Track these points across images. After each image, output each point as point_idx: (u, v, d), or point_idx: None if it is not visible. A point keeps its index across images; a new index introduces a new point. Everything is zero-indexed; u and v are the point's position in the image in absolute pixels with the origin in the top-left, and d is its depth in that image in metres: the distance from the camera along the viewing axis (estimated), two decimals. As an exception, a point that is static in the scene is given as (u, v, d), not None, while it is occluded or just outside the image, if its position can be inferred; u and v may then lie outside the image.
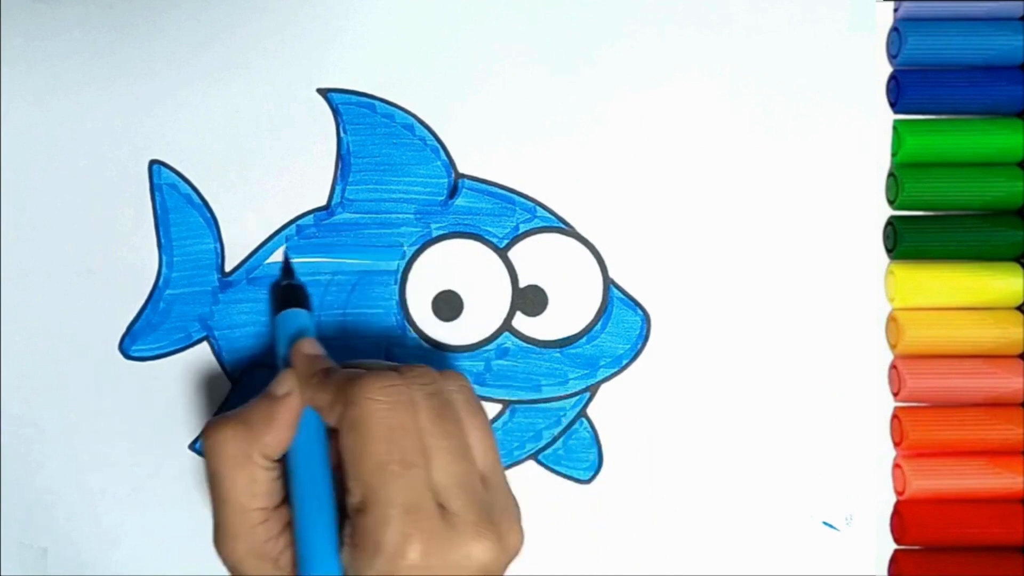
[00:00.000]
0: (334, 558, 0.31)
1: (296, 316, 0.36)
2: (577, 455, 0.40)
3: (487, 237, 0.40)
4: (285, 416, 0.33)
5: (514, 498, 0.33)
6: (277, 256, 0.39)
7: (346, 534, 0.31)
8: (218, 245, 0.39)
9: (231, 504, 0.32)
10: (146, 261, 0.39)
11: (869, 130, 0.40)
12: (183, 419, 0.39)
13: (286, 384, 0.33)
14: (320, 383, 0.33)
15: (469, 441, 0.32)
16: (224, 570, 0.39)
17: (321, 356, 0.34)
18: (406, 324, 0.40)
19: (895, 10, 0.40)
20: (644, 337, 0.40)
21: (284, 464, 0.33)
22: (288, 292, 0.38)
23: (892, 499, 0.40)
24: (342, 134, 0.39)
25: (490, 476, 0.32)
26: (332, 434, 0.33)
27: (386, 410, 0.31)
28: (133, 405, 0.39)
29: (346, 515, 0.31)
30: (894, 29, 0.40)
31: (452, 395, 0.33)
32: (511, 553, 0.32)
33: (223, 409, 0.39)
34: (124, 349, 0.39)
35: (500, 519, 0.31)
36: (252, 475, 0.32)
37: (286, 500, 0.33)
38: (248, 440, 0.32)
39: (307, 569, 0.31)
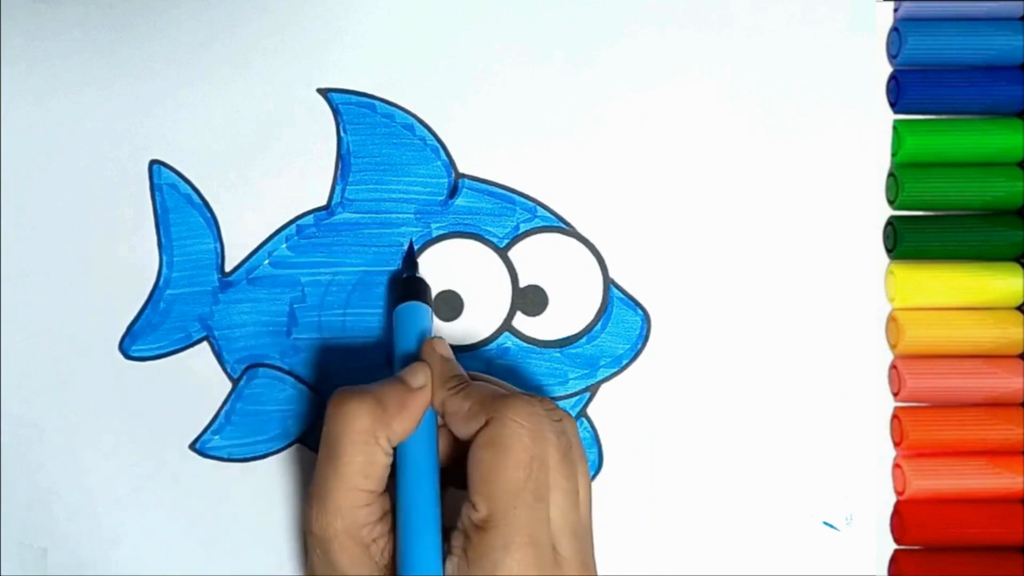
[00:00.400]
0: (439, 564, 0.31)
1: (420, 311, 0.36)
2: (577, 455, 0.40)
3: (487, 237, 0.40)
4: (417, 407, 0.33)
5: (594, 545, 0.34)
6: (273, 253, 0.39)
7: (457, 544, 0.31)
8: (218, 245, 0.39)
9: (344, 479, 0.31)
10: (146, 261, 0.39)
11: (869, 130, 0.40)
12: (183, 419, 0.39)
13: (421, 377, 0.33)
14: (460, 391, 0.33)
15: (578, 486, 0.33)
16: (220, 569, 0.39)
17: (454, 361, 0.35)
18: (406, 324, 0.39)
19: (895, 10, 0.40)
20: (644, 337, 0.40)
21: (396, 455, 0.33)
22: (411, 285, 0.38)
23: (892, 499, 0.40)
24: (342, 134, 0.39)
25: (587, 523, 0.33)
26: (443, 439, 0.34)
27: (530, 437, 0.31)
28: (133, 405, 0.39)
29: (451, 522, 0.32)
30: (894, 29, 0.40)
31: (572, 436, 0.33)
32: None
33: (223, 409, 0.39)
34: (124, 349, 0.39)
35: (591, 567, 0.32)
36: (372, 456, 0.31)
37: (387, 490, 0.33)
38: (380, 421, 0.32)
39: (411, 569, 0.31)
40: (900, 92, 0.40)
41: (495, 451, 0.31)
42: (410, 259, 0.39)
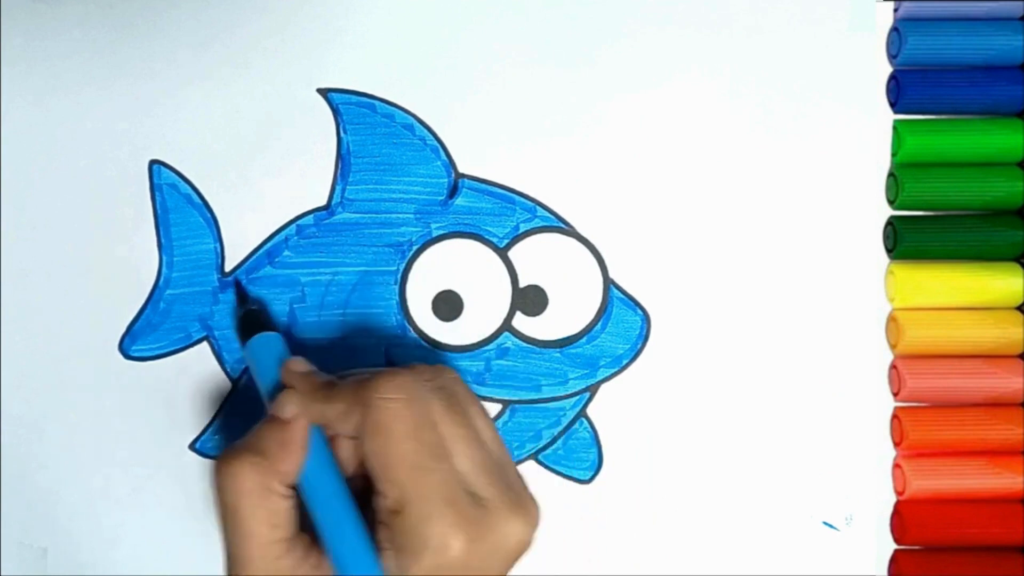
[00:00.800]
0: (376, 567, 0.31)
1: (270, 340, 0.36)
2: (577, 455, 0.40)
3: (487, 237, 0.40)
4: (298, 439, 0.32)
5: (521, 473, 0.34)
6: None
7: (382, 538, 0.31)
8: (218, 245, 0.39)
9: (254, 538, 0.31)
10: (146, 261, 0.39)
11: (869, 130, 0.40)
12: (183, 419, 0.39)
13: (290, 405, 0.33)
14: (327, 395, 0.32)
15: (477, 428, 0.33)
16: (220, 569, 0.39)
17: (315, 371, 0.34)
18: (406, 324, 0.40)
19: (895, 10, 0.40)
20: (644, 337, 0.40)
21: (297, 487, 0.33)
22: (252, 317, 0.37)
23: (892, 499, 0.40)
24: (342, 134, 0.39)
25: (501, 457, 0.33)
26: (334, 443, 0.33)
27: (405, 406, 0.31)
28: (133, 405, 0.39)
29: (373, 520, 0.31)
30: (894, 29, 0.40)
31: (452, 386, 0.33)
32: (536, 525, 0.32)
33: (223, 409, 0.39)
34: (124, 349, 0.39)
35: (521, 495, 0.32)
36: (273, 507, 0.31)
37: (305, 527, 0.32)
38: (266, 471, 0.31)
39: None
40: (900, 92, 0.40)
41: (378, 436, 0.31)
42: (241, 293, 0.39)
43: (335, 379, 0.34)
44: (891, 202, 0.40)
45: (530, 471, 0.40)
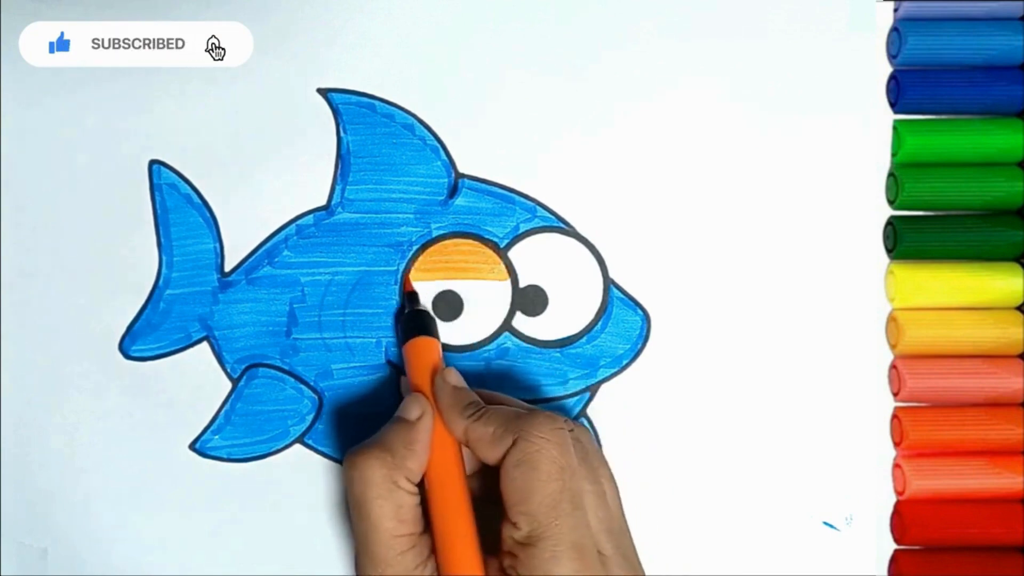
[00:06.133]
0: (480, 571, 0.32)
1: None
2: (577, 455, 0.40)
3: (487, 237, 0.40)
4: (422, 439, 0.34)
5: (635, 546, 0.35)
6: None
7: (506, 564, 0.32)
8: (218, 245, 0.39)
9: (380, 531, 0.32)
10: (146, 261, 0.39)
11: (869, 130, 0.40)
12: (183, 419, 0.39)
13: (416, 409, 0.35)
14: (479, 417, 0.34)
15: (604, 488, 0.34)
16: (220, 569, 0.39)
17: (467, 388, 0.36)
18: (406, 324, 0.39)
19: (895, 10, 0.40)
20: (644, 337, 0.40)
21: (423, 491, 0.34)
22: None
23: (892, 499, 0.40)
24: (342, 134, 0.39)
25: (621, 524, 0.35)
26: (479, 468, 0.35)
27: (557, 449, 0.32)
28: (133, 405, 0.39)
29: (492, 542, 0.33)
30: (894, 29, 0.40)
31: (586, 442, 0.35)
32: None
33: (223, 409, 0.39)
34: (124, 349, 0.39)
35: (636, 567, 0.34)
36: (399, 501, 0.33)
37: (428, 528, 0.34)
38: (391, 466, 0.33)
39: None
40: (900, 92, 0.40)
41: (527, 468, 0.32)
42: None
43: (481, 402, 0.35)
44: (891, 202, 0.40)
45: (530, 471, 0.40)
